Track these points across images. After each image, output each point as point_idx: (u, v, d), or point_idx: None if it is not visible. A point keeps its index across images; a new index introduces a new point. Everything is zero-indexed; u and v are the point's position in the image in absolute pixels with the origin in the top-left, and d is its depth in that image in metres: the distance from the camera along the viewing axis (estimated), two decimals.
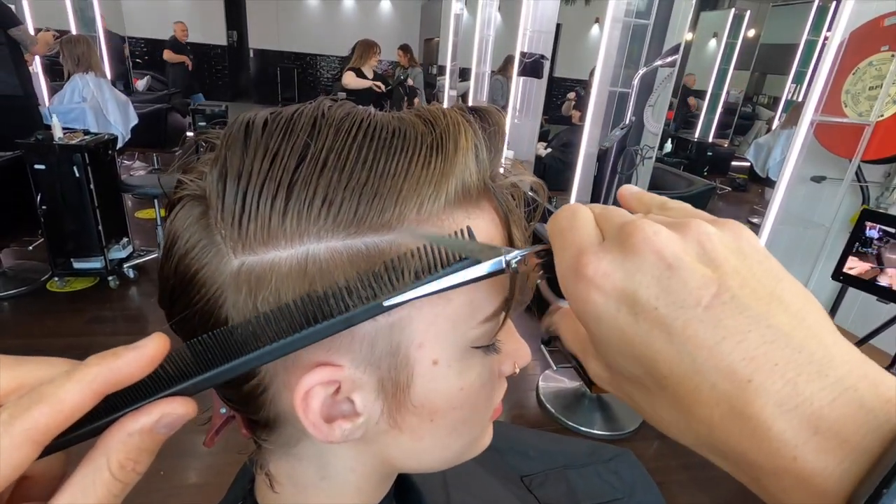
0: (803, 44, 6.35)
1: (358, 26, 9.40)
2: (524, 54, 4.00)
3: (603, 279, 0.20)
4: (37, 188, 2.59)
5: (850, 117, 1.72)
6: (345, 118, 0.26)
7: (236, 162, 0.24)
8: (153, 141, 4.91)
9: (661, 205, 0.24)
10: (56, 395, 0.18)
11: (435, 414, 0.28)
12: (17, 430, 0.17)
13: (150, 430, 0.19)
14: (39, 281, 2.88)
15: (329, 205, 0.23)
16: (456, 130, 0.26)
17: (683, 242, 0.19)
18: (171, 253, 0.26)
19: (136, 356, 0.19)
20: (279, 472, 0.32)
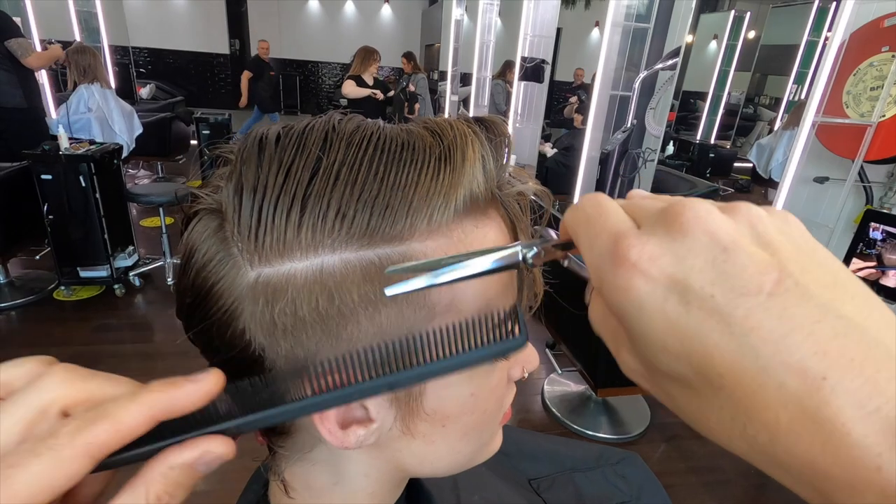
0: (804, 44, 6.35)
1: (359, 33, 9.45)
2: (525, 59, 4.02)
3: (649, 263, 0.18)
4: (44, 198, 2.62)
5: (851, 118, 1.72)
6: (355, 132, 0.26)
7: (251, 176, 0.25)
8: (157, 150, 4.95)
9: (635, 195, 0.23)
10: (118, 415, 0.18)
11: (447, 419, 0.29)
12: (80, 442, 0.17)
13: (191, 466, 0.20)
14: (46, 290, 2.90)
15: (343, 217, 0.24)
16: (463, 142, 0.26)
17: (735, 224, 0.18)
18: (188, 265, 0.27)
19: (195, 389, 0.19)
20: (294, 477, 0.33)
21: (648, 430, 2.16)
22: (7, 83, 3.01)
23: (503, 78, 5.62)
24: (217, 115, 4.37)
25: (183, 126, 5.31)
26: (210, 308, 0.26)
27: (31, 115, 3.03)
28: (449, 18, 6.23)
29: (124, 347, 2.58)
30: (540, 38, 4.17)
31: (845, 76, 1.74)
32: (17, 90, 3.04)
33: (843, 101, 1.75)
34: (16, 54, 2.98)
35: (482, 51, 5.35)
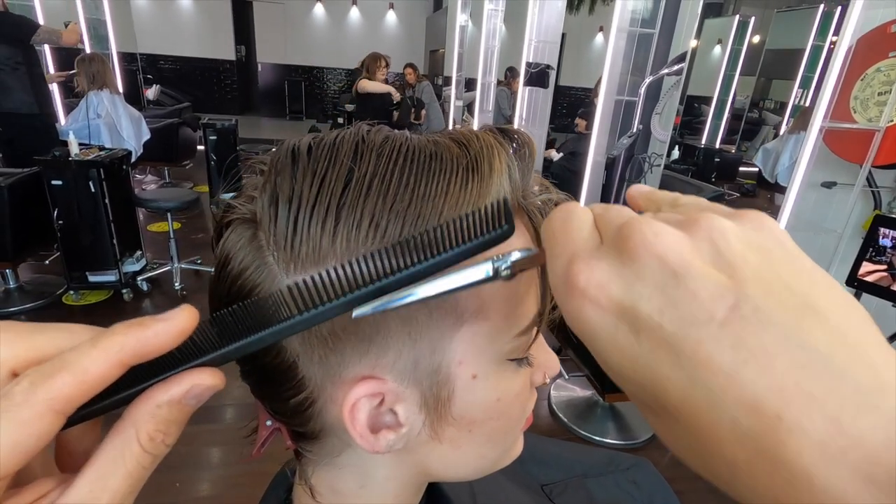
0: (809, 49, 6.35)
1: (364, 39, 9.51)
2: (530, 64, 4.04)
3: (597, 290, 0.17)
4: (54, 203, 2.64)
5: (859, 123, 1.72)
6: (384, 143, 0.27)
7: (286, 187, 0.26)
8: (165, 155, 4.99)
9: (672, 201, 0.22)
10: (79, 364, 0.16)
11: (473, 424, 0.29)
12: (39, 398, 0.16)
13: (180, 402, 0.18)
14: (55, 294, 2.92)
15: (376, 227, 0.25)
16: (489, 152, 0.27)
17: (692, 242, 0.17)
18: (223, 274, 0.27)
19: (166, 327, 0.18)
20: (320, 482, 0.33)
21: (655, 437, 2.14)
22: (21, 89, 3.04)
23: (508, 84, 5.65)
24: (224, 121, 4.40)
25: (190, 132, 5.35)
26: None
27: (43, 121, 3.06)
28: (453, 24, 6.27)
29: None
30: (545, 43, 4.18)
31: (853, 81, 1.74)
32: (30, 96, 3.07)
33: (851, 105, 1.75)
34: (52, 43, 2.99)
35: (487, 56, 5.38)
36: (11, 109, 3.02)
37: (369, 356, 0.26)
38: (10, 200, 2.54)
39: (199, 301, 3.14)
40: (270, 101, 9.98)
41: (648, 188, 0.24)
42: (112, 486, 0.17)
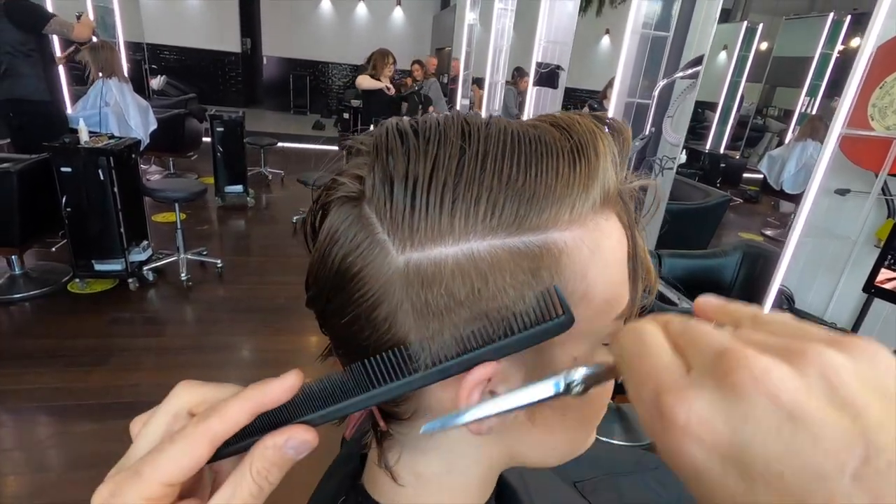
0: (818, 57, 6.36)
1: (370, 35, 9.50)
2: (540, 64, 4.03)
3: (700, 428, 0.16)
4: (62, 190, 2.63)
5: (877, 131, 1.73)
6: (488, 125, 0.27)
7: (400, 166, 0.25)
8: (170, 145, 4.97)
9: (752, 319, 0.20)
10: (225, 410, 0.23)
11: (568, 409, 0.29)
12: (200, 431, 0.22)
13: (280, 448, 0.23)
14: (61, 282, 2.91)
15: (493, 205, 0.25)
16: (593, 137, 0.27)
17: (804, 380, 0.15)
18: (330, 252, 0.27)
19: (279, 386, 0.23)
20: (402, 465, 0.33)
21: None
22: (33, 76, 3.02)
23: (513, 83, 5.65)
24: (231, 113, 4.39)
25: (196, 123, 5.34)
26: (354, 293, 0.26)
27: (54, 109, 3.05)
28: (462, 23, 6.26)
29: (137, 341, 2.58)
30: (555, 44, 4.18)
31: (871, 89, 1.74)
32: (42, 83, 3.06)
33: (869, 113, 1.76)
34: (63, 35, 2.99)
35: (495, 56, 5.37)
36: (23, 96, 3.00)
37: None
38: (19, 186, 2.53)
39: (205, 292, 3.15)
40: (275, 94, 9.96)
41: (718, 301, 0.22)
42: None
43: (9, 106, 3.01)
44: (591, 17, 8.57)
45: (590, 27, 8.77)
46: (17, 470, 1.79)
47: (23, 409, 2.06)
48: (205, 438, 0.22)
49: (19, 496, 1.69)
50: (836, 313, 2.15)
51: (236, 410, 0.23)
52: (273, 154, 5.95)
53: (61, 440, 1.94)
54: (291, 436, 0.23)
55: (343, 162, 0.29)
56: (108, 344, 2.49)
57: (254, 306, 3.03)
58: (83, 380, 2.23)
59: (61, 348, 2.41)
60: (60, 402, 2.10)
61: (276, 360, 2.55)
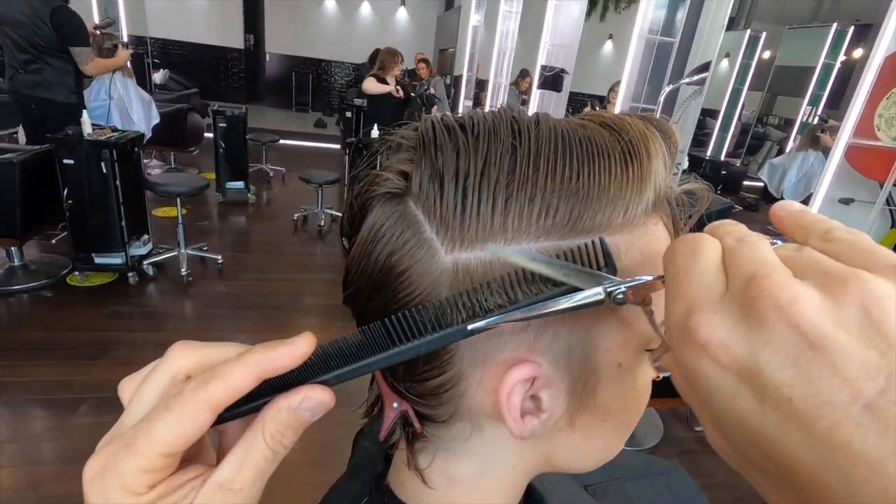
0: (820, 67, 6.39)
1: (374, 34, 9.49)
2: (545, 67, 4.04)
3: (718, 350, 0.16)
4: (64, 182, 2.62)
5: (883, 141, 1.73)
6: (538, 123, 0.26)
7: (450, 162, 0.25)
8: (172, 140, 4.96)
9: (824, 234, 0.19)
10: (228, 374, 0.21)
11: (608, 414, 0.29)
12: (200, 398, 0.20)
13: (295, 410, 0.22)
14: (60, 275, 2.89)
15: (548, 206, 0.24)
16: (645, 138, 0.27)
17: (837, 309, 0.15)
18: (373, 249, 0.27)
19: (288, 349, 0.21)
20: (433, 468, 0.32)
21: (661, 444, 2.15)
22: (62, 84, 3.04)
23: (514, 83, 5.66)
24: (234, 109, 4.38)
25: (198, 118, 5.32)
26: (400, 292, 0.26)
27: (74, 108, 3.06)
28: (466, 24, 6.27)
29: (136, 335, 2.57)
30: (559, 47, 4.19)
31: (878, 99, 1.75)
32: (70, 86, 3.08)
33: (875, 123, 1.76)
34: (77, 60, 3.03)
35: (499, 57, 5.38)
36: (52, 97, 3.03)
37: (526, 335, 0.25)
38: (22, 177, 2.51)
39: (205, 287, 3.14)
40: (277, 91, 9.94)
41: (799, 207, 0.21)
42: (244, 471, 0.21)
43: (33, 100, 3.03)
44: (595, 21, 8.59)
45: (593, 32, 8.79)
46: (13, 462, 1.78)
47: (20, 401, 2.05)
48: (205, 405, 0.20)
49: (15, 489, 1.68)
50: None
51: (240, 375, 0.21)
52: (274, 151, 5.94)
53: (58, 433, 1.92)
54: (308, 396, 0.22)
55: (384, 158, 0.28)
56: (107, 338, 2.48)
57: (253, 303, 3.02)
58: (81, 373, 2.21)
59: (59, 341, 2.40)
60: (58, 395, 2.09)
61: None
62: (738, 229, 0.20)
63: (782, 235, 0.21)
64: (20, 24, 2.86)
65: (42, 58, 2.94)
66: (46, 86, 2.99)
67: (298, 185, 4.36)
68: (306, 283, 3.35)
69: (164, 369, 0.22)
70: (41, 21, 2.85)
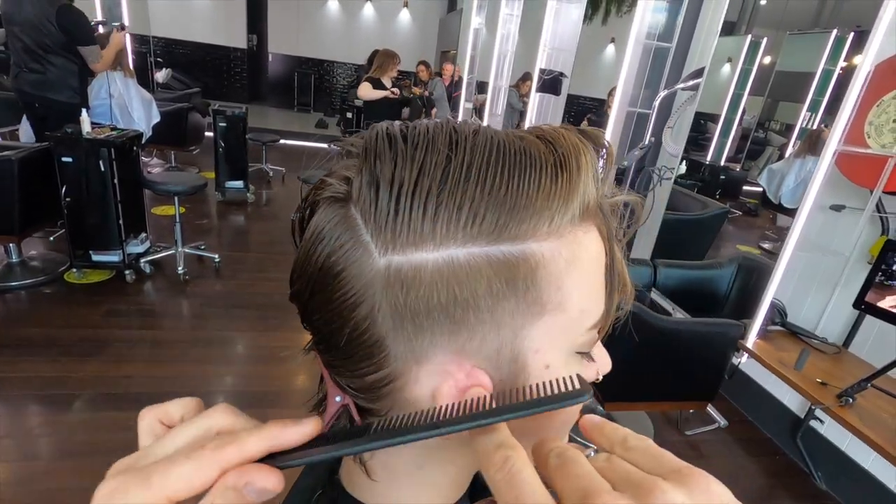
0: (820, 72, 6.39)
1: (376, 36, 9.53)
2: (543, 71, 4.05)
3: None
4: (62, 180, 2.64)
5: (872, 148, 1.74)
6: (476, 135, 0.28)
7: (387, 170, 0.26)
8: (173, 139, 4.98)
9: (622, 442, 0.24)
10: (245, 440, 0.23)
11: (538, 414, 0.30)
12: (216, 456, 0.23)
13: (240, 490, 0.23)
14: (57, 272, 2.92)
15: (475, 214, 0.25)
16: (576, 151, 0.28)
17: None
18: (315, 250, 0.28)
19: (299, 429, 0.24)
20: (375, 461, 0.33)
21: None
22: (66, 85, 3.08)
23: (515, 85, 5.68)
24: (234, 109, 4.40)
25: (199, 117, 5.34)
26: (336, 292, 0.27)
27: (77, 109, 3.08)
28: (468, 26, 6.29)
29: (132, 333, 2.59)
30: (559, 51, 4.20)
31: (868, 107, 1.76)
32: (75, 87, 3.11)
33: (865, 131, 1.77)
34: (87, 59, 3.06)
35: (500, 60, 5.39)
36: (55, 97, 3.06)
37: (458, 339, 0.27)
38: (20, 174, 2.53)
39: (201, 286, 3.15)
40: (279, 91, 9.98)
41: (600, 420, 0.26)
42: None
43: (37, 99, 3.06)
44: (597, 25, 8.59)
45: (595, 35, 8.80)
46: (6, 457, 1.79)
47: (14, 396, 2.07)
48: (217, 464, 0.22)
49: (7, 483, 1.69)
50: (827, 328, 2.16)
51: (253, 445, 0.23)
52: (274, 151, 5.97)
53: (52, 429, 1.94)
54: (250, 481, 0.23)
55: (335, 162, 0.30)
56: (103, 335, 2.50)
57: (250, 302, 3.03)
58: (76, 370, 2.23)
59: (56, 338, 2.42)
60: (53, 391, 2.10)
61: (269, 357, 2.55)
62: (559, 447, 0.24)
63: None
64: (27, 23, 2.89)
65: (47, 57, 2.97)
66: (50, 85, 3.02)
67: (298, 185, 4.38)
68: None
69: (203, 422, 0.25)
70: (47, 21, 2.88)
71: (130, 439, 0.25)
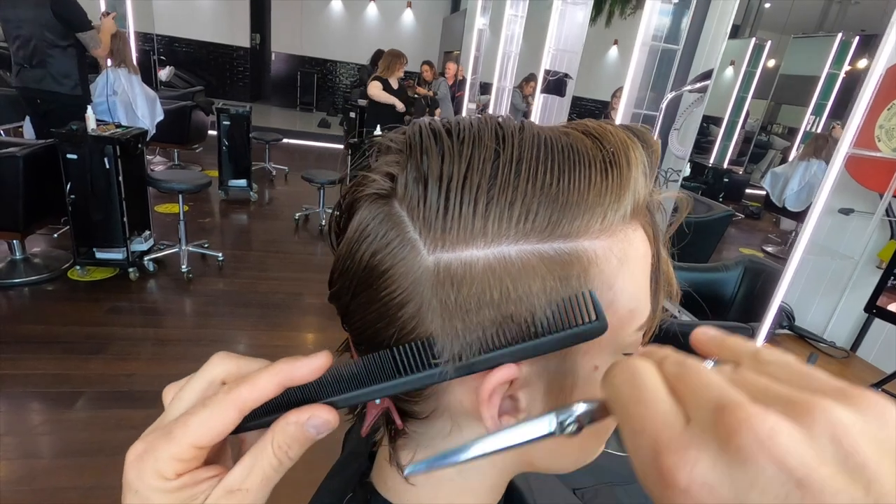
0: (825, 76, 6.38)
1: (380, 36, 9.52)
2: (548, 72, 4.05)
3: (702, 492, 0.15)
4: (67, 177, 2.64)
5: (883, 152, 1.73)
6: (522, 130, 0.27)
7: (435, 165, 0.25)
8: (176, 137, 4.98)
9: (752, 357, 0.19)
10: (255, 379, 0.24)
11: None
12: (231, 398, 0.23)
13: (302, 425, 0.24)
14: (61, 269, 2.91)
15: (527, 211, 0.25)
16: (625, 147, 0.27)
17: (811, 442, 0.15)
18: (358, 248, 0.27)
19: (308, 363, 0.24)
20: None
21: None
22: (66, 76, 3.08)
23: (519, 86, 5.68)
24: (238, 107, 4.39)
25: (202, 115, 5.34)
26: (382, 290, 0.26)
27: (81, 102, 3.08)
28: (472, 27, 6.28)
29: (135, 331, 2.58)
30: (563, 52, 4.19)
31: (879, 110, 1.75)
32: (75, 79, 3.11)
33: (875, 134, 1.76)
34: (88, 46, 3.06)
35: (504, 61, 5.39)
36: (57, 90, 3.06)
37: (506, 337, 0.26)
38: (25, 171, 2.53)
39: (205, 284, 3.14)
40: (282, 90, 9.98)
41: (718, 333, 0.21)
42: (251, 476, 0.24)
43: (39, 94, 3.06)
44: (601, 27, 8.59)
45: (599, 37, 8.80)
46: (8, 455, 1.78)
47: (17, 394, 2.06)
48: (234, 405, 0.23)
49: (9, 481, 1.68)
50: (835, 332, 2.15)
51: (265, 381, 0.24)
52: (277, 150, 5.96)
53: (54, 427, 1.93)
54: (314, 414, 0.24)
55: (373, 159, 0.29)
56: (106, 332, 2.49)
57: (252, 301, 3.03)
58: (79, 367, 2.22)
59: (59, 335, 2.41)
60: (56, 389, 2.10)
61: (272, 356, 2.52)
62: (674, 354, 0.20)
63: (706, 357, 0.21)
64: (25, 19, 2.89)
65: (47, 51, 2.97)
66: (52, 79, 3.02)
67: (301, 184, 4.37)
68: (306, 283, 3.35)
69: (204, 374, 0.26)
70: (43, 10, 2.88)
71: (133, 437, 0.25)
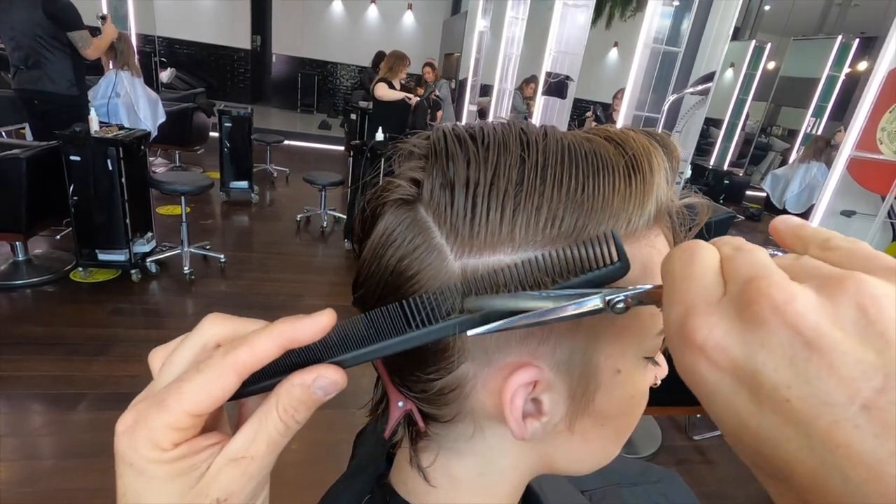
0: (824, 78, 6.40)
1: (380, 38, 9.53)
2: (549, 74, 4.06)
3: (715, 351, 0.16)
4: (70, 178, 2.63)
5: (885, 154, 1.74)
6: (546, 136, 0.27)
7: (461, 171, 0.26)
8: (177, 139, 4.98)
9: (822, 243, 0.19)
10: (254, 341, 0.22)
11: (606, 419, 0.29)
12: (228, 361, 0.21)
13: (308, 387, 0.23)
14: (63, 270, 2.91)
15: (553, 217, 0.25)
16: (647, 152, 0.27)
17: (833, 308, 0.15)
18: (384, 253, 0.28)
19: (311, 322, 0.23)
20: (436, 466, 0.33)
21: (659, 452, 2.15)
22: (62, 76, 3.07)
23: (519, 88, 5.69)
24: (240, 109, 4.40)
25: (204, 117, 5.35)
26: (410, 295, 0.26)
27: (78, 102, 3.08)
28: (472, 29, 6.30)
29: (137, 332, 2.58)
30: (564, 54, 4.21)
31: (880, 113, 1.76)
32: (71, 80, 3.11)
33: (878, 137, 1.77)
34: (77, 45, 3.05)
35: (504, 63, 5.41)
36: (53, 90, 3.06)
37: (530, 342, 0.26)
38: (28, 173, 2.53)
39: (207, 285, 3.14)
40: (282, 92, 9.98)
41: (798, 221, 0.21)
42: (256, 441, 0.22)
43: (35, 95, 3.06)
44: (601, 29, 8.62)
45: (599, 40, 8.81)
46: (11, 456, 1.78)
47: (19, 395, 2.05)
48: (232, 369, 0.21)
49: (11, 483, 1.68)
50: None
51: (265, 342, 0.22)
52: (279, 152, 5.96)
53: (57, 428, 1.93)
54: (320, 374, 0.23)
55: (395, 165, 0.29)
56: (109, 334, 2.49)
57: (254, 302, 3.03)
58: (82, 369, 2.22)
59: (61, 337, 2.41)
60: (58, 391, 2.09)
61: None
62: (737, 240, 0.20)
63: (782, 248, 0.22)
64: (18, 21, 2.89)
65: (41, 52, 2.97)
66: (47, 80, 3.02)
67: (302, 185, 4.37)
68: (308, 284, 3.35)
69: (196, 337, 0.24)
70: (36, 11, 2.89)
71: None
